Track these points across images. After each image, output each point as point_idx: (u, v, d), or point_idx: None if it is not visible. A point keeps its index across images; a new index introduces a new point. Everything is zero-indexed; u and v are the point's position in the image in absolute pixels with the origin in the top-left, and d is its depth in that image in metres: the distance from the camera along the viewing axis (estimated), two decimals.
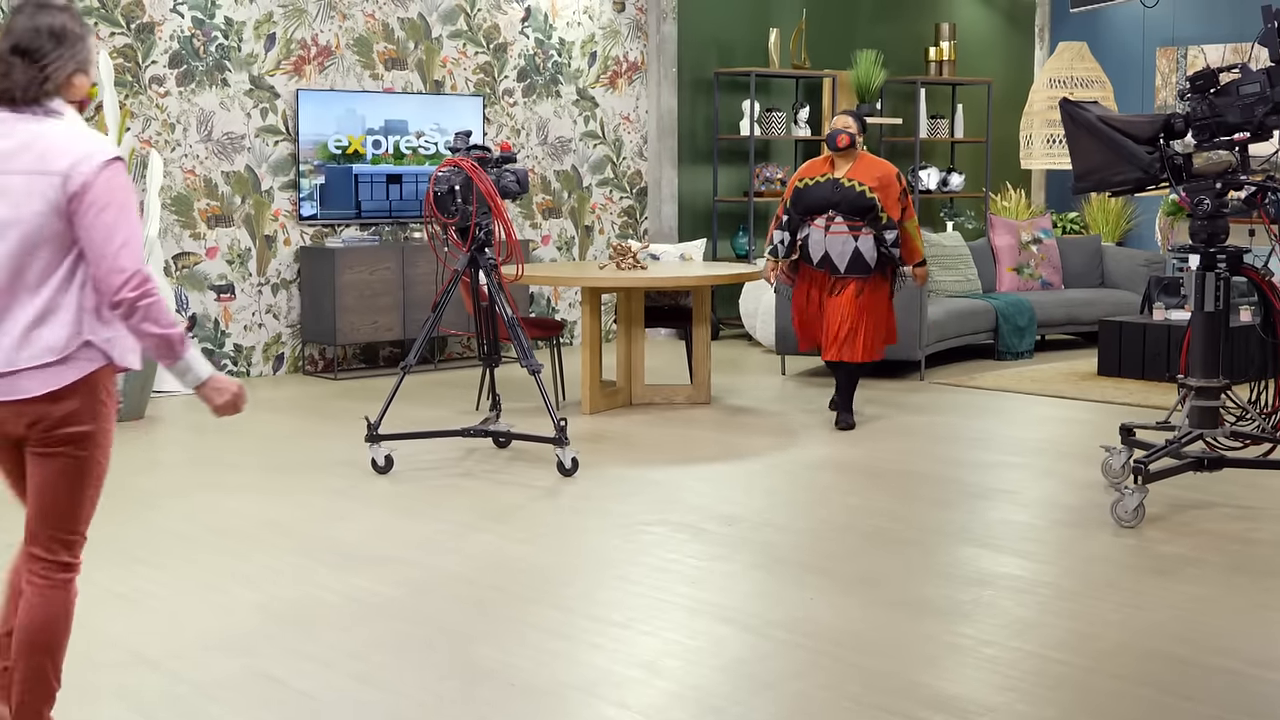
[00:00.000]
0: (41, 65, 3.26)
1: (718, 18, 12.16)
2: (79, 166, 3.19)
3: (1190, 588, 5.06)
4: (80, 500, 3.37)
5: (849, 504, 6.31)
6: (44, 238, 3.21)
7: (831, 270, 7.86)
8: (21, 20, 3.29)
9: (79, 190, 3.18)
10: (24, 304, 3.24)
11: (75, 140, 3.24)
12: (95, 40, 3.46)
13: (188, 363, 3.31)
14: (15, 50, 3.26)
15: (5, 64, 3.26)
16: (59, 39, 3.28)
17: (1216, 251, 6.12)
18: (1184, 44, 13.29)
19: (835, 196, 7.82)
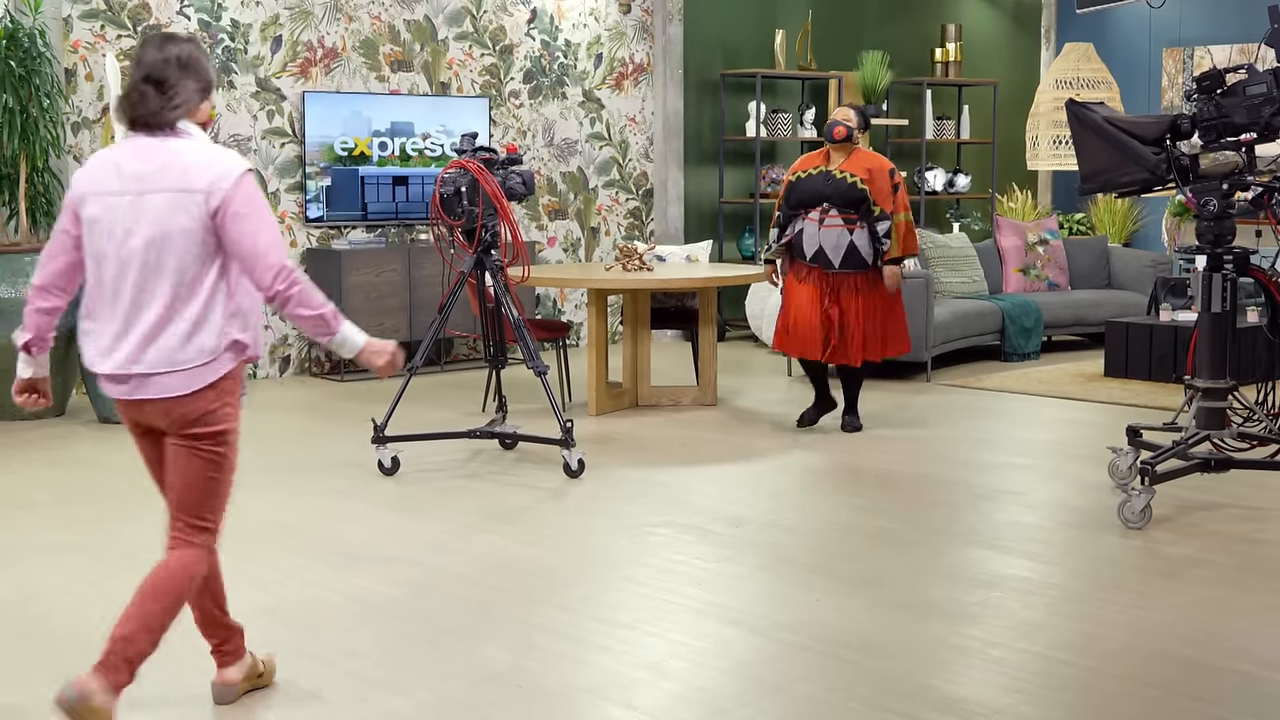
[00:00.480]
0: (171, 94, 3.61)
1: (723, 19, 12.15)
2: (218, 184, 3.55)
3: (1197, 589, 5.06)
4: (214, 491, 3.75)
5: (855, 506, 6.30)
6: (190, 249, 3.56)
7: (825, 265, 7.60)
8: (151, 52, 3.64)
9: (221, 205, 3.54)
10: (178, 310, 3.59)
11: (210, 159, 3.59)
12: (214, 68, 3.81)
13: (343, 335, 3.69)
14: (147, 80, 3.61)
15: (139, 92, 3.61)
16: (185, 67, 3.64)
17: (1223, 252, 6.12)
18: (1190, 45, 13.28)
19: (827, 189, 7.59)
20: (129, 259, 3.59)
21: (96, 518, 6.07)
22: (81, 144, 9.06)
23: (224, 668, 4.01)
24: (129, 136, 3.66)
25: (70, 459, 7.29)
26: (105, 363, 3.66)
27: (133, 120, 3.63)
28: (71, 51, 8.99)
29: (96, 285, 3.67)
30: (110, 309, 3.65)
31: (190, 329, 3.60)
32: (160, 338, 3.60)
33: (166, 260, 3.58)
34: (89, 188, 3.66)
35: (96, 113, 9.10)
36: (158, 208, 3.57)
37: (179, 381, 3.60)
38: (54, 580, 5.18)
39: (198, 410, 3.64)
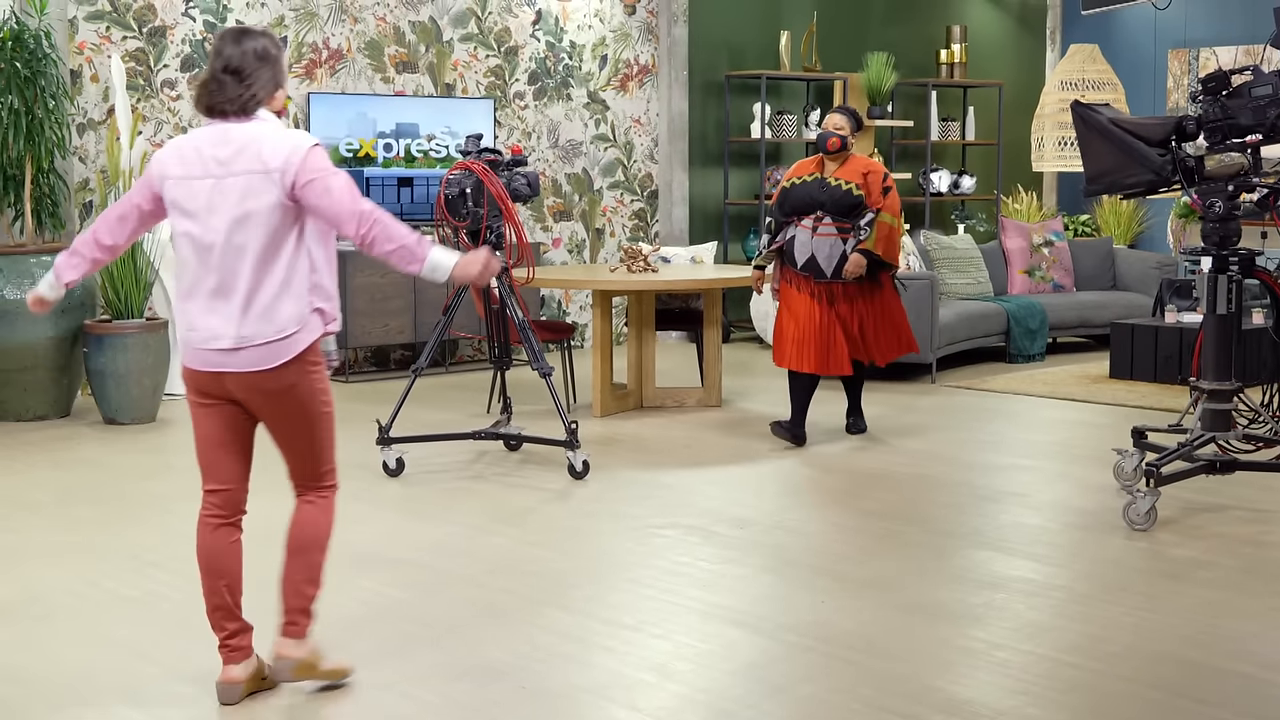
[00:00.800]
0: (249, 83, 3.86)
1: (728, 20, 12.16)
2: (290, 159, 3.79)
3: (1203, 591, 5.05)
4: (321, 450, 4.06)
5: (860, 507, 6.30)
6: (271, 226, 3.80)
7: (817, 275, 7.40)
8: (229, 45, 3.88)
9: (296, 178, 3.78)
10: (263, 285, 3.82)
11: (282, 140, 3.82)
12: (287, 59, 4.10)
13: (433, 262, 3.86)
14: (226, 70, 3.86)
15: (218, 82, 3.86)
16: (262, 59, 3.90)
17: (1229, 254, 6.11)
18: (1196, 46, 13.27)
19: (822, 195, 7.39)
20: (215, 240, 3.83)
21: (100, 519, 6.08)
22: (87, 145, 9.07)
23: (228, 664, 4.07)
24: (208, 123, 3.90)
25: (74, 460, 7.30)
26: (196, 337, 3.89)
27: (210, 108, 3.87)
28: (77, 53, 9.00)
29: (185, 266, 3.90)
30: (199, 287, 3.87)
31: (275, 303, 3.83)
32: (248, 312, 3.83)
33: (250, 239, 3.81)
34: (172, 171, 3.88)
35: (102, 114, 9.11)
36: (239, 189, 3.80)
37: (265, 355, 3.84)
38: (58, 581, 5.18)
39: (283, 385, 3.89)
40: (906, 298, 9.51)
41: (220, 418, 4.01)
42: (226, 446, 4.05)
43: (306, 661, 4.04)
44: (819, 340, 7.40)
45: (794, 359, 7.44)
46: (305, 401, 3.96)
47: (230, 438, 4.04)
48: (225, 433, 4.03)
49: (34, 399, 8.29)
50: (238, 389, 3.92)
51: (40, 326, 8.19)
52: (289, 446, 4.05)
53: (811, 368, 7.42)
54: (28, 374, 8.22)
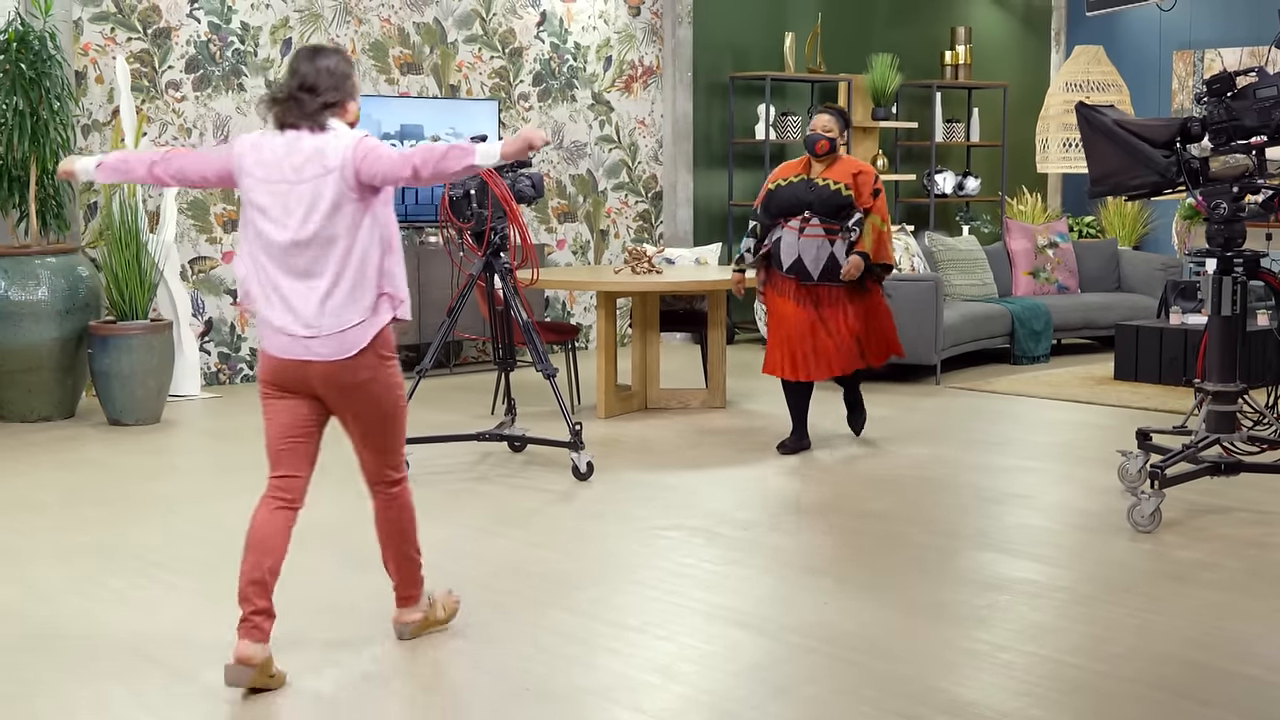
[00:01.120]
0: (323, 99, 4.15)
1: (733, 22, 12.15)
2: (345, 155, 4.09)
3: (1207, 593, 5.05)
4: (391, 438, 4.33)
5: (864, 508, 6.30)
6: (341, 222, 4.09)
7: (803, 277, 7.22)
8: (304, 63, 4.19)
9: (355, 167, 4.08)
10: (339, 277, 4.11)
11: (338, 141, 4.13)
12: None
13: (482, 158, 4.13)
14: (302, 87, 4.15)
15: (296, 100, 4.15)
16: (335, 75, 4.19)
17: (1233, 255, 6.10)
18: (1201, 47, 13.26)
19: (809, 196, 7.22)
20: (293, 236, 4.11)
21: (105, 520, 6.08)
22: (92, 146, 9.08)
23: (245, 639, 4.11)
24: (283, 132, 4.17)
25: (79, 461, 7.30)
26: (278, 320, 4.15)
27: (284, 122, 4.16)
28: (82, 54, 9.01)
29: (267, 261, 4.16)
30: (278, 281, 4.14)
31: (349, 294, 4.12)
32: (326, 303, 4.11)
33: (323, 235, 4.10)
34: (253, 171, 4.17)
35: (107, 115, 9.11)
36: (310, 193, 4.10)
37: (342, 343, 4.13)
38: (62, 582, 5.19)
39: (361, 378, 4.17)
40: (911, 299, 9.51)
41: (293, 413, 4.24)
42: (296, 440, 4.27)
43: (425, 620, 4.54)
44: (806, 345, 7.27)
45: (782, 367, 7.33)
46: (381, 396, 4.22)
47: (301, 432, 4.27)
48: (296, 428, 4.26)
49: (39, 400, 8.29)
50: (320, 383, 4.17)
51: (45, 328, 8.20)
52: (365, 442, 4.32)
53: (800, 375, 7.30)
54: (32, 375, 8.23)
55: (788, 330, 7.29)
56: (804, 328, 7.26)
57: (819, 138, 7.28)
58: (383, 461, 4.36)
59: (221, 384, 9.69)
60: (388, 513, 4.43)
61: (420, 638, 4.56)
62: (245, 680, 4.06)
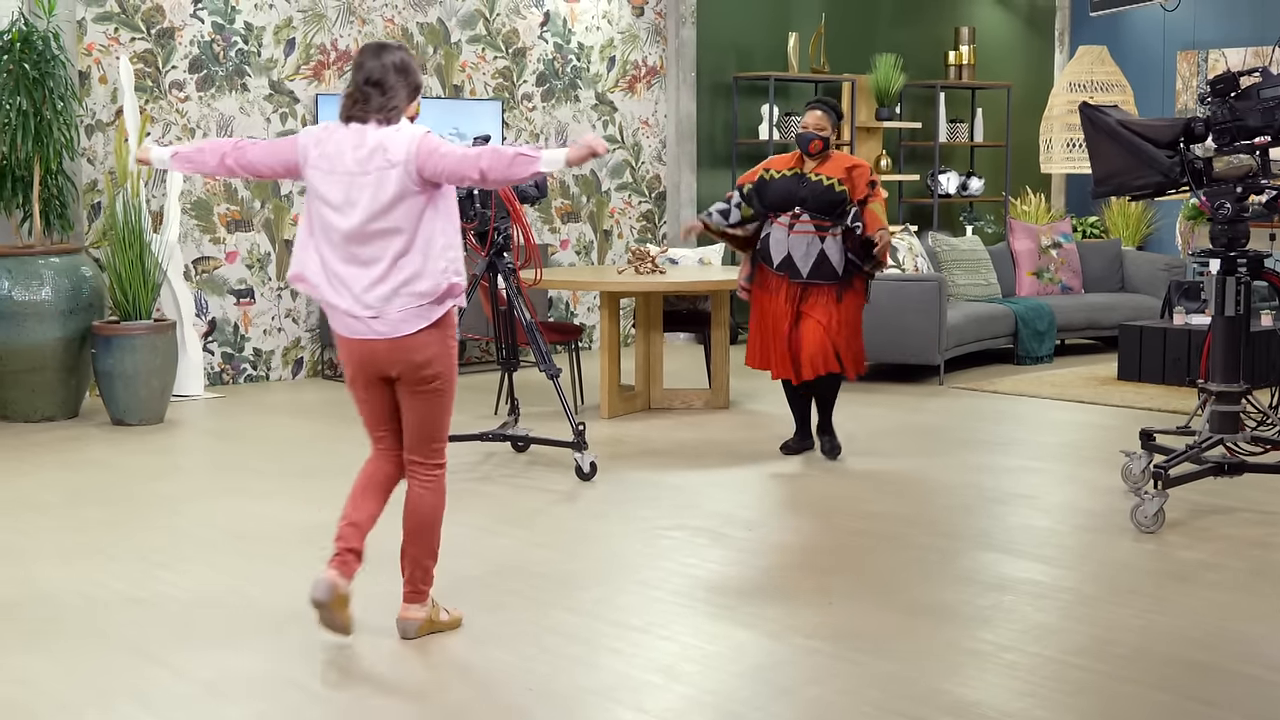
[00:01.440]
0: (390, 93, 4.35)
1: (736, 22, 12.15)
2: (409, 150, 4.29)
3: (1211, 593, 5.04)
4: (440, 422, 4.53)
5: (868, 509, 6.30)
6: (403, 211, 4.30)
7: (793, 274, 7.03)
8: (370, 59, 4.38)
9: (420, 164, 4.28)
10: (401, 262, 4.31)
11: (401, 136, 4.32)
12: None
13: (547, 165, 4.32)
14: (368, 82, 4.35)
15: (362, 93, 4.35)
16: (400, 71, 4.38)
17: (1237, 256, 6.10)
18: (1205, 47, 13.25)
19: (801, 191, 7.00)
20: (356, 226, 4.32)
21: (108, 520, 6.08)
22: (95, 146, 9.08)
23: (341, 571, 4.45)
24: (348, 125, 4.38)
25: (83, 461, 7.31)
26: (344, 302, 4.38)
27: (350, 118, 4.37)
28: (85, 54, 9.01)
29: (330, 249, 4.38)
30: (345, 264, 4.36)
31: (412, 276, 4.31)
32: (387, 284, 4.32)
33: (386, 223, 4.30)
34: (317, 163, 4.39)
35: (110, 115, 9.12)
36: (373, 184, 4.30)
37: (405, 320, 4.34)
38: (66, 582, 5.19)
39: (422, 354, 4.38)
40: (914, 299, 9.51)
41: (376, 404, 4.54)
42: (388, 428, 4.59)
43: (428, 620, 4.55)
44: (783, 345, 7.10)
45: (763, 361, 7.22)
46: (439, 375, 4.44)
47: (387, 414, 4.57)
48: (383, 418, 4.57)
49: (42, 400, 8.30)
50: (387, 360, 4.40)
51: (48, 328, 8.20)
52: (413, 417, 4.49)
53: (778, 373, 7.16)
54: (36, 375, 8.24)
55: (773, 326, 7.14)
56: (786, 326, 7.09)
57: (812, 137, 7.07)
58: (426, 445, 4.53)
59: (225, 384, 9.70)
60: (419, 498, 4.55)
61: (423, 639, 4.56)
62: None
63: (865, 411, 8.58)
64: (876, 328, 9.57)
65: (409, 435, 4.54)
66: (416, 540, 4.56)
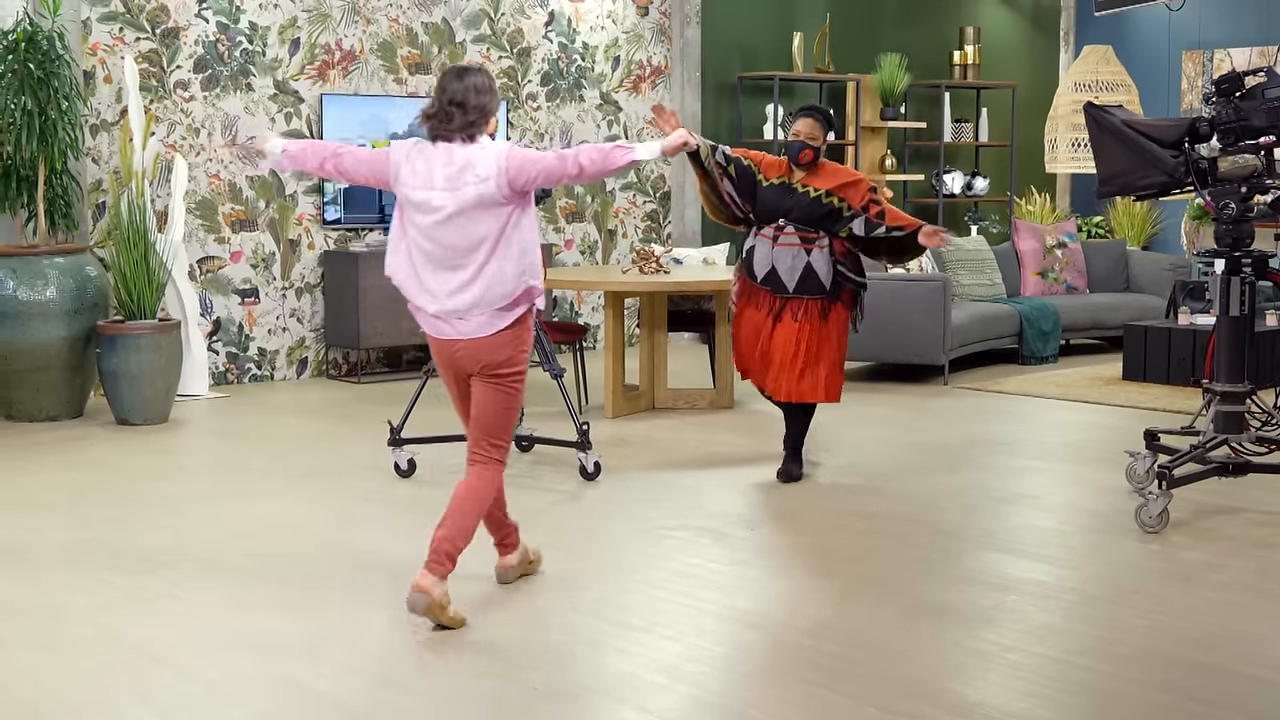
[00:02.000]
0: (469, 112, 4.68)
1: (741, 22, 12.15)
2: (499, 165, 4.63)
3: (1214, 593, 5.04)
4: (505, 419, 4.83)
5: (872, 509, 6.29)
6: (487, 222, 4.64)
7: (778, 289, 6.66)
8: (452, 81, 4.72)
9: (511, 177, 4.63)
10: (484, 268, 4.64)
11: (489, 153, 4.67)
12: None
13: (641, 160, 4.79)
14: (452, 103, 4.68)
15: (446, 113, 4.68)
16: (480, 92, 4.71)
17: (1242, 256, 6.10)
18: (1210, 47, 13.24)
19: (788, 203, 6.64)
20: (444, 234, 4.65)
21: (112, 520, 6.09)
22: (100, 146, 9.09)
23: (504, 555, 5.10)
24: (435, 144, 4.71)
25: (87, 460, 7.31)
26: (431, 306, 4.73)
27: (436, 136, 4.70)
28: (90, 54, 9.02)
29: (419, 256, 4.71)
30: (433, 271, 4.70)
31: (493, 282, 4.65)
32: (473, 290, 4.65)
33: (471, 232, 4.64)
34: (407, 179, 4.72)
35: (115, 115, 9.12)
36: (461, 198, 4.62)
37: (486, 323, 4.68)
38: (70, 582, 5.19)
39: (500, 354, 4.72)
40: (919, 299, 9.51)
41: (465, 395, 4.89)
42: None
43: (438, 602, 4.62)
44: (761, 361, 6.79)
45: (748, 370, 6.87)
46: (505, 379, 4.77)
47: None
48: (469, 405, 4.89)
49: (47, 399, 8.31)
50: (468, 359, 4.75)
51: (53, 327, 8.21)
52: (481, 407, 4.81)
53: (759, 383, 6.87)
54: (41, 374, 8.24)
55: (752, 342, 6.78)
56: (767, 343, 6.74)
57: (803, 146, 6.65)
58: (488, 437, 4.83)
59: (229, 384, 9.70)
60: (471, 483, 4.82)
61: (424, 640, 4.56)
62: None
63: (869, 411, 8.58)
64: (881, 328, 9.58)
65: (474, 424, 4.85)
66: (456, 517, 4.76)
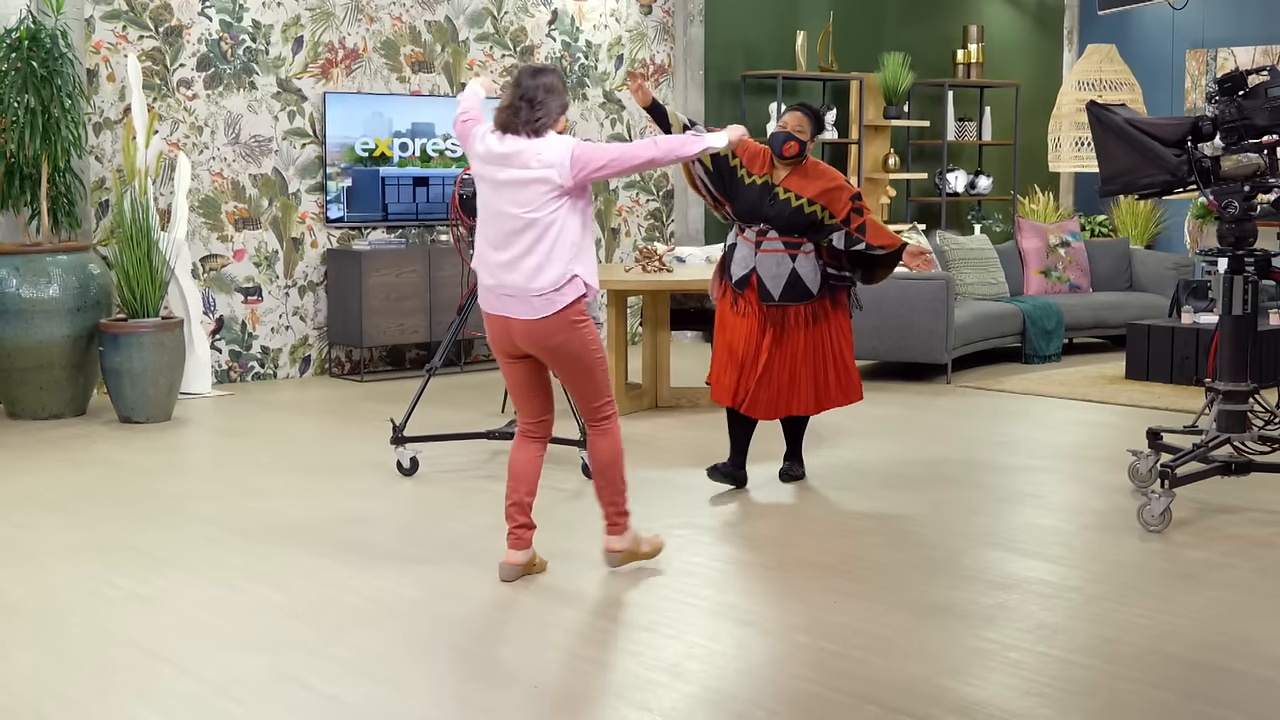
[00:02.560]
0: (540, 110, 4.97)
1: (744, 20, 12.15)
2: (563, 159, 4.92)
3: (1217, 593, 5.03)
4: (592, 390, 5.12)
5: (874, 507, 6.29)
6: (543, 209, 4.92)
7: (763, 297, 6.41)
8: (526, 79, 5.02)
9: (574, 169, 4.91)
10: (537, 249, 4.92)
11: (555, 146, 4.95)
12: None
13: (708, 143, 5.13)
14: (523, 99, 4.98)
15: (514, 108, 4.98)
16: (550, 91, 5.01)
17: (1245, 254, 6.09)
18: (1213, 46, 13.23)
19: (769, 209, 6.36)
20: (505, 217, 4.97)
21: (115, 517, 6.09)
22: (103, 144, 9.10)
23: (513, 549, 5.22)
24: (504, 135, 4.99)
25: (90, 459, 7.32)
26: (489, 279, 5.04)
27: (504, 127, 4.99)
28: (93, 52, 9.03)
29: (486, 230, 5.04)
30: (494, 251, 5.01)
31: (542, 267, 4.93)
32: (520, 271, 4.95)
33: (527, 217, 4.93)
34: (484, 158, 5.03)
35: (118, 113, 9.13)
36: (520, 181, 4.94)
37: (536, 306, 4.94)
38: (72, 580, 5.20)
39: (554, 338, 4.97)
40: (922, 297, 9.50)
41: (517, 373, 5.16)
42: (528, 391, 5.19)
43: (630, 551, 5.25)
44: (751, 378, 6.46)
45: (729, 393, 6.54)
46: (577, 353, 5.01)
47: (529, 383, 5.18)
48: (525, 381, 5.17)
49: (50, 397, 8.31)
50: (520, 339, 5.02)
51: (56, 325, 8.22)
52: (571, 387, 5.14)
53: (745, 407, 6.52)
54: (44, 372, 8.25)
55: (737, 353, 6.49)
56: (754, 355, 6.46)
57: (787, 138, 6.34)
58: (586, 404, 5.14)
59: (232, 382, 9.71)
60: (594, 445, 5.18)
61: (425, 638, 4.56)
62: (514, 575, 5.15)
63: (872, 410, 8.58)
64: (884, 326, 9.59)
65: (576, 403, 5.29)
66: (602, 479, 5.19)
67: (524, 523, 5.20)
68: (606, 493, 5.22)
